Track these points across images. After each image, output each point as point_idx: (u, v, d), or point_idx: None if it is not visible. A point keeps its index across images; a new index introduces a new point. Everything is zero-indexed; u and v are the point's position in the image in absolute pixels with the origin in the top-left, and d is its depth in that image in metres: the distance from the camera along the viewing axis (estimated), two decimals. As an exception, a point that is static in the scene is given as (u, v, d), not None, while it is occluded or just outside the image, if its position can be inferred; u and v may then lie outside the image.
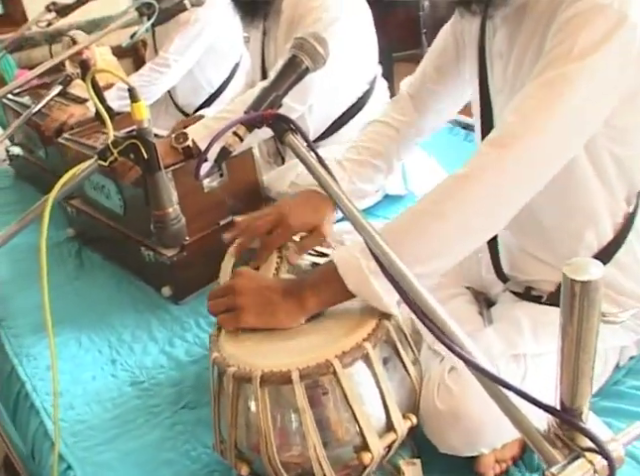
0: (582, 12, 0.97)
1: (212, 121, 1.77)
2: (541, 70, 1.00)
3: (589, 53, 0.95)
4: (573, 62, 0.96)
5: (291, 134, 0.94)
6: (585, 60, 0.95)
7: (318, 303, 1.04)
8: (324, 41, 1.06)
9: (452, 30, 1.39)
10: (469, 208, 0.98)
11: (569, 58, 0.96)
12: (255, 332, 1.08)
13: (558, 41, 0.99)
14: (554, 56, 0.99)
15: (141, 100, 1.05)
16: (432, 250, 0.99)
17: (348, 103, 2.01)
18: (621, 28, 0.95)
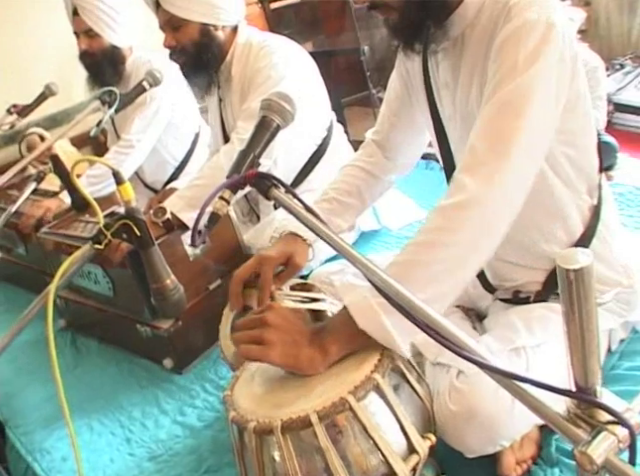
0: (516, 30, 1.08)
1: (186, 191, 1.85)
2: (493, 90, 1.10)
3: (531, 62, 1.06)
4: (520, 75, 1.06)
5: (274, 189, 1.00)
6: (530, 70, 1.06)
7: (339, 349, 1.07)
8: (289, 98, 1.13)
9: (398, 74, 1.50)
10: (472, 235, 1.05)
11: (516, 72, 1.07)
12: (266, 383, 1.12)
13: (501, 60, 1.10)
14: (501, 75, 1.09)
15: (126, 182, 1.11)
16: (433, 275, 1.04)
17: (310, 152, 2.12)
18: (551, 34, 1.07)
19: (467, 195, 1.05)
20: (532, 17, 1.08)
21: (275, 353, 1.05)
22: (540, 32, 1.07)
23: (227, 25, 2.02)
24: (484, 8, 1.19)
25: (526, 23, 1.08)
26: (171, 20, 1.96)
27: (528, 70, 1.06)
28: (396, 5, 1.19)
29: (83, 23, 2.46)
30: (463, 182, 1.07)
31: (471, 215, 1.05)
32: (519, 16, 1.09)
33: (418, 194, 2.34)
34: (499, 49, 1.11)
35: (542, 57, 1.06)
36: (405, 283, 0.87)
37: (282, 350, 1.05)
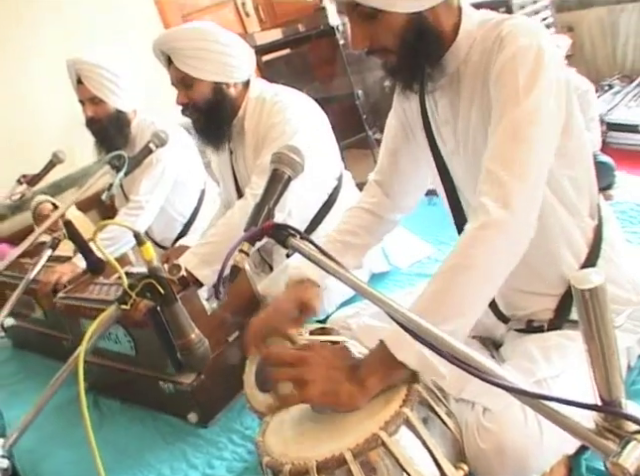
0: (511, 56, 1.17)
1: (201, 248, 1.89)
2: (499, 116, 1.17)
3: (531, 86, 1.14)
4: (524, 99, 1.14)
5: (291, 238, 1.04)
6: (531, 93, 1.14)
7: (377, 382, 1.09)
8: (297, 150, 1.18)
9: (396, 115, 1.55)
10: (498, 257, 1.12)
11: (518, 96, 1.14)
12: (297, 425, 1.14)
13: (502, 85, 1.18)
14: (505, 99, 1.16)
15: (147, 243, 1.15)
16: (463, 302, 1.10)
17: (322, 201, 2.17)
18: (543, 57, 1.15)
19: (489, 217, 1.11)
20: (524, 43, 1.16)
21: (316, 392, 1.08)
22: (533, 55, 1.15)
23: (239, 81, 2.06)
24: (475, 44, 1.26)
25: (520, 49, 1.16)
26: (184, 78, 1.99)
27: (529, 94, 1.13)
28: (394, 48, 1.26)
29: (87, 91, 2.54)
30: (484, 205, 1.13)
31: (493, 234, 1.11)
32: (512, 44, 1.17)
33: (423, 230, 2.38)
34: (498, 76, 1.18)
35: (540, 79, 1.14)
36: (433, 314, 0.91)
37: (322, 388, 1.08)
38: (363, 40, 1.27)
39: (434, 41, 1.26)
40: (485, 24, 1.27)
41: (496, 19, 1.27)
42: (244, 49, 2.05)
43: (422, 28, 1.24)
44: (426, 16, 1.23)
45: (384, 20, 1.23)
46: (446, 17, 1.27)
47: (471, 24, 1.28)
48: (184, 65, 1.97)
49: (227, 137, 2.11)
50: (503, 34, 1.20)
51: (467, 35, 1.27)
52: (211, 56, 1.96)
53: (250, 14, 4.92)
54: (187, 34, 1.98)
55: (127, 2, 4.43)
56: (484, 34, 1.25)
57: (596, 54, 4.35)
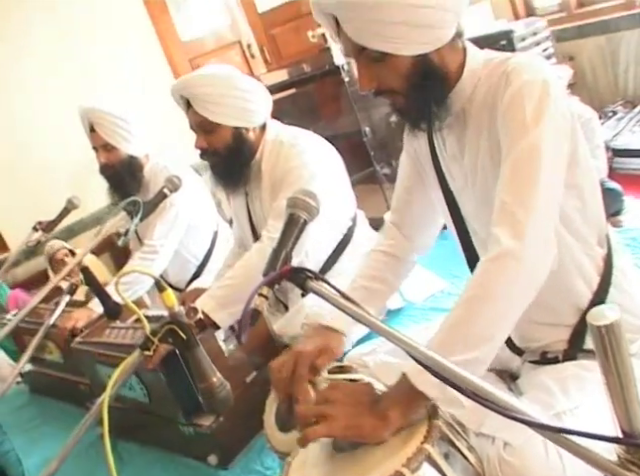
0: (517, 91, 1.20)
1: (218, 291, 1.90)
2: (508, 149, 1.20)
3: (537, 118, 1.17)
4: (531, 130, 1.17)
5: (309, 281, 1.06)
6: (537, 126, 1.17)
7: (399, 415, 1.10)
8: (313, 194, 1.21)
9: (407, 154, 1.58)
10: (513, 287, 1.13)
11: (526, 129, 1.17)
12: (319, 464, 1.15)
13: (510, 119, 1.21)
14: (513, 133, 1.20)
15: (167, 289, 1.17)
16: (482, 333, 1.11)
17: (336, 241, 2.19)
18: (548, 90, 1.18)
19: (502, 248, 1.13)
20: (529, 78, 1.20)
21: (339, 425, 1.09)
22: (539, 89, 1.19)
23: (257, 125, 2.08)
24: (480, 83, 1.30)
25: (525, 83, 1.20)
26: (203, 123, 2.01)
27: (536, 126, 1.16)
28: (400, 90, 1.29)
29: (100, 138, 2.59)
30: (497, 237, 1.15)
31: (507, 266, 1.13)
32: (518, 79, 1.21)
33: (436, 265, 2.39)
34: (506, 109, 1.22)
35: (546, 111, 1.17)
36: (453, 344, 0.94)
37: (345, 422, 1.09)
38: (370, 82, 1.30)
39: (440, 81, 1.30)
40: (489, 63, 1.31)
41: (500, 58, 1.31)
42: (262, 93, 2.08)
43: (428, 69, 1.27)
44: (431, 58, 1.27)
45: (390, 62, 1.26)
46: (451, 57, 1.30)
47: (476, 63, 1.31)
48: (204, 110, 1.99)
49: (244, 180, 2.13)
50: (509, 70, 1.24)
51: (472, 74, 1.31)
52: (231, 101, 1.98)
53: (255, 55, 5.02)
54: (207, 80, 2.00)
55: (134, 47, 4.53)
56: (489, 72, 1.29)
57: (598, 82, 4.40)
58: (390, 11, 1.21)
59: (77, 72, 4.27)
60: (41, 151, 4.20)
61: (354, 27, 1.25)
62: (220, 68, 2.09)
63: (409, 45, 1.24)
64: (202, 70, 2.07)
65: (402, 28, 1.22)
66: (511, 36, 3.89)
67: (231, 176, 2.11)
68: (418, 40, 1.24)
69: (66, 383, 2.53)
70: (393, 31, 1.22)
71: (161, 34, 4.64)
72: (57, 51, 4.23)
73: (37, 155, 4.19)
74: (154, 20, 4.60)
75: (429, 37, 1.25)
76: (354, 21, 1.24)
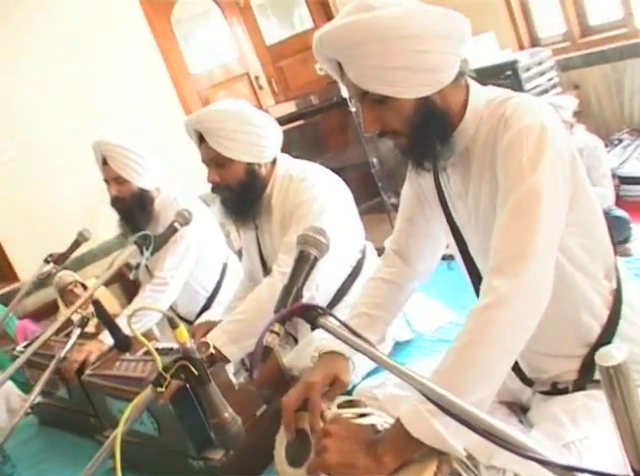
0: (515, 136, 1.22)
1: (229, 326, 1.91)
2: (506, 194, 1.22)
3: (535, 164, 1.19)
4: (529, 177, 1.18)
5: (320, 317, 1.07)
6: (535, 171, 1.18)
7: (394, 458, 1.11)
8: (322, 231, 1.23)
9: (411, 188, 1.60)
10: (506, 332, 1.14)
11: (523, 175, 1.19)
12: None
13: (508, 165, 1.23)
14: (511, 179, 1.21)
15: (180, 325, 1.18)
16: (479, 377, 1.12)
17: (346, 273, 2.19)
18: (546, 134, 1.20)
19: (495, 296, 1.15)
20: (527, 122, 1.21)
21: (332, 459, 1.12)
22: (536, 134, 1.20)
23: (269, 160, 2.10)
24: (482, 122, 1.32)
25: (523, 128, 1.21)
26: (216, 158, 2.03)
27: (533, 172, 1.18)
28: (403, 131, 1.32)
29: (112, 171, 2.61)
30: (492, 284, 1.17)
31: (500, 314, 1.14)
32: (516, 124, 1.22)
33: (444, 296, 2.39)
34: (504, 155, 1.23)
35: (543, 157, 1.18)
36: (450, 388, 0.93)
37: (339, 458, 1.12)
38: (374, 124, 1.33)
39: (442, 122, 1.32)
40: (491, 103, 1.33)
41: (501, 97, 1.32)
42: (274, 129, 2.10)
43: (430, 111, 1.30)
44: (433, 99, 1.29)
45: (393, 105, 1.29)
46: (454, 97, 1.33)
47: (478, 102, 1.33)
48: (217, 145, 2.00)
49: (255, 214, 2.15)
50: (507, 114, 1.25)
51: (474, 114, 1.33)
52: (244, 137, 2.00)
53: (264, 87, 5.10)
54: (221, 115, 2.02)
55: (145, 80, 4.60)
56: (490, 113, 1.31)
57: (603, 110, 4.43)
58: (390, 56, 1.23)
59: (90, 105, 4.36)
60: (53, 183, 4.28)
61: (356, 72, 1.28)
62: (234, 103, 2.11)
63: (410, 88, 1.27)
64: (216, 105, 2.09)
65: (403, 73, 1.25)
66: (516, 66, 3.95)
67: (242, 210, 2.12)
68: (419, 83, 1.27)
69: (75, 415, 2.52)
70: (394, 75, 1.25)
71: (171, 66, 4.73)
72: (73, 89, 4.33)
73: (48, 187, 4.27)
74: (164, 53, 4.70)
75: (430, 80, 1.27)
76: (356, 66, 1.27)
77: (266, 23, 5.39)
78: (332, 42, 1.27)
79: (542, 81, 4.09)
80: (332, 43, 1.27)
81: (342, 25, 1.26)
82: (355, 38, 1.24)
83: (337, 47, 1.27)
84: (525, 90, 3.94)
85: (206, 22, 5.20)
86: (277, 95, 5.10)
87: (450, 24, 1.27)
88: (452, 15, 1.28)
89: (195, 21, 5.17)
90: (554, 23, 4.66)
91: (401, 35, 1.22)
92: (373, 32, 1.23)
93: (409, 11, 1.25)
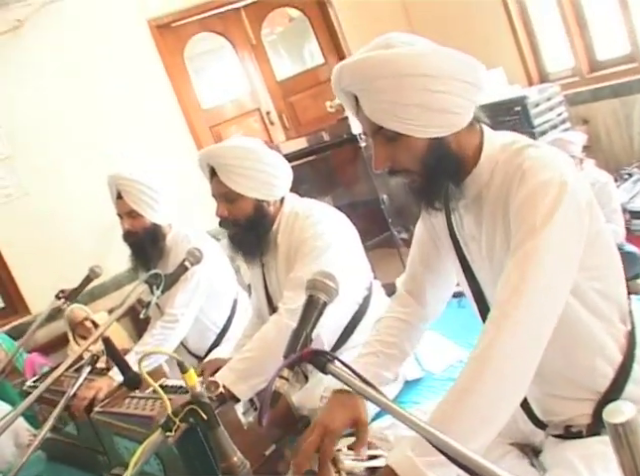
0: (531, 192, 1.20)
1: (238, 364, 1.91)
2: (515, 248, 1.21)
3: (548, 221, 1.17)
4: (540, 233, 1.17)
5: (330, 364, 1.07)
6: (546, 229, 1.17)
7: None
8: (332, 275, 1.24)
9: (424, 225, 1.60)
10: (500, 378, 1.13)
11: (534, 233, 1.17)
12: None
13: (520, 221, 1.21)
14: (521, 235, 1.20)
15: (190, 369, 1.18)
16: (477, 424, 1.11)
17: (352, 311, 2.18)
18: (564, 192, 1.18)
19: (490, 343, 1.15)
20: (545, 178, 1.20)
21: None
22: (554, 192, 1.18)
23: (278, 198, 2.12)
24: (497, 168, 1.31)
25: (540, 185, 1.20)
26: (227, 193, 2.05)
27: (545, 226, 1.17)
28: (415, 170, 1.32)
29: (126, 205, 2.61)
30: (487, 331, 1.17)
31: (492, 360, 1.13)
32: (533, 178, 1.21)
33: (454, 333, 2.38)
34: (518, 210, 1.22)
35: (557, 212, 1.17)
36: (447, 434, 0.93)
37: None
38: (385, 161, 1.32)
39: (455, 165, 1.32)
40: (507, 148, 1.32)
41: (518, 144, 1.31)
42: (285, 168, 2.12)
43: (443, 153, 1.30)
44: (447, 141, 1.29)
45: (406, 143, 1.29)
46: (468, 141, 1.32)
47: (492, 148, 1.33)
48: (229, 180, 2.03)
49: (261, 251, 2.16)
50: (525, 166, 1.24)
51: (489, 159, 1.32)
52: (256, 175, 2.03)
53: (274, 122, 5.13)
54: (235, 151, 2.05)
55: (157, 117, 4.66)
56: (506, 159, 1.30)
57: (613, 144, 4.44)
58: (406, 93, 1.24)
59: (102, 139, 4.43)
60: (64, 217, 4.33)
61: (372, 106, 1.28)
62: (248, 141, 2.13)
63: (423, 128, 1.27)
64: (231, 141, 2.14)
65: (416, 110, 1.25)
66: (525, 102, 3.97)
67: (249, 246, 2.13)
68: (432, 123, 1.27)
69: (83, 452, 2.49)
70: (408, 113, 1.25)
71: (183, 102, 4.79)
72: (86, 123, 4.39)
73: (60, 220, 4.32)
74: (176, 88, 4.76)
75: (444, 121, 1.28)
76: (371, 100, 1.28)
77: (277, 59, 5.44)
78: (350, 75, 1.29)
79: (551, 116, 4.11)
80: (350, 76, 1.29)
81: (361, 59, 1.27)
82: (372, 72, 1.25)
83: (355, 80, 1.28)
84: (534, 126, 3.97)
85: (218, 58, 5.25)
86: (288, 130, 5.14)
87: (466, 68, 1.28)
88: (468, 60, 1.29)
89: (207, 57, 5.23)
90: (562, 58, 4.70)
91: (417, 73, 1.23)
92: (389, 68, 1.24)
93: (427, 51, 1.27)
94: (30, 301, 4.25)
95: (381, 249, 4.17)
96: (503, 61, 4.66)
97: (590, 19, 4.43)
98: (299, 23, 5.48)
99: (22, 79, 4.23)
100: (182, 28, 4.83)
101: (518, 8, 4.78)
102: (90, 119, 4.40)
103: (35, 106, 4.25)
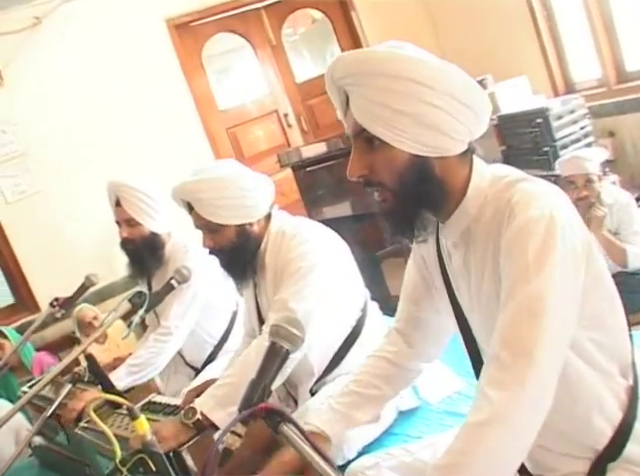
0: (521, 229, 1.11)
1: (217, 390, 1.84)
2: (507, 295, 1.11)
3: (541, 263, 1.07)
4: (534, 277, 1.07)
5: (284, 424, 1.01)
6: (541, 272, 1.07)
7: None
8: (297, 322, 1.16)
9: (414, 263, 1.51)
10: (497, 453, 1.05)
11: (528, 275, 1.08)
12: None
13: (511, 261, 1.11)
14: (514, 277, 1.10)
15: (140, 417, 1.13)
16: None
17: (345, 333, 2.09)
18: (555, 228, 1.08)
19: (491, 411, 1.05)
20: (535, 214, 1.10)
21: None
22: (544, 228, 1.09)
23: (261, 217, 2.07)
24: (486, 203, 1.22)
25: (530, 220, 1.10)
26: (207, 224, 2.02)
27: (539, 272, 1.07)
28: (391, 186, 1.21)
29: (125, 213, 2.59)
30: (487, 396, 1.06)
31: (494, 434, 1.04)
32: (522, 213, 1.11)
33: (454, 362, 2.25)
34: (508, 249, 1.13)
35: (550, 255, 1.08)
36: None
37: None
38: (361, 168, 1.22)
39: (435, 192, 1.22)
40: (497, 183, 1.23)
41: (508, 178, 1.22)
42: (263, 187, 2.06)
43: (424, 174, 1.20)
44: (432, 163, 1.20)
45: (387, 153, 1.19)
46: (455, 170, 1.23)
47: (481, 180, 1.24)
48: (207, 213, 2.00)
49: (251, 272, 2.12)
50: (514, 201, 1.14)
51: (477, 193, 1.23)
52: (231, 202, 1.99)
53: (292, 125, 5.07)
54: (207, 184, 2.00)
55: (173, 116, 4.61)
56: (495, 193, 1.21)
57: (639, 158, 4.30)
58: (401, 99, 1.16)
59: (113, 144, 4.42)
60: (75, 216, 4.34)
61: (360, 105, 1.19)
62: (219, 169, 2.07)
63: (409, 141, 1.18)
64: (201, 174, 2.05)
65: (406, 120, 1.16)
66: (547, 114, 3.86)
67: (238, 271, 2.10)
68: (420, 139, 1.18)
69: (72, 462, 2.46)
70: (397, 121, 1.17)
71: (199, 102, 4.74)
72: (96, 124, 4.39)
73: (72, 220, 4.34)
74: (192, 89, 4.72)
75: (433, 141, 1.18)
76: (362, 98, 1.19)
77: (298, 60, 5.37)
78: (345, 67, 1.19)
79: (574, 129, 3.96)
80: (344, 68, 1.19)
81: (359, 52, 1.21)
82: (367, 68, 1.17)
83: (348, 73, 1.19)
84: (555, 139, 3.84)
85: (237, 59, 5.19)
86: (306, 133, 5.06)
87: (469, 92, 1.19)
88: (476, 87, 1.21)
89: (226, 57, 5.18)
90: (589, 68, 4.56)
91: (417, 80, 1.15)
92: (386, 66, 1.16)
93: (431, 61, 1.18)
94: (40, 298, 4.26)
95: (394, 258, 4.09)
96: (528, 69, 4.53)
97: (619, 28, 4.27)
98: (321, 25, 5.41)
99: (38, 77, 4.23)
100: (201, 28, 4.79)
101: (545, 14, 4.63)
102: (105, 117, 4.39)
103: (51, 103, 4.25)
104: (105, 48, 4.38)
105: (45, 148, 4.25)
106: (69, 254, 4.23)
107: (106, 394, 2.33)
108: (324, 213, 4.15)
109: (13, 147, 4.19)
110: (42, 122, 4.23)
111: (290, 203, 4.29)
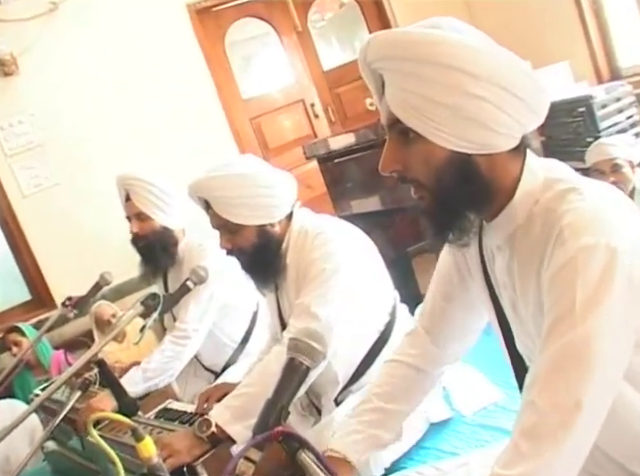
0: (571, 259, 0.95)
1: (234, 400, 1.74)
2: (549, 334, 0.98)
3: (592, 307, 0.93)
4: (581, 323, 0.93)
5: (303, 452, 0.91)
6: (591, 317, 0.93)
7: None
8: (318, 335, 1.05)
9: (451, 256, 1.36)
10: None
11: (574, 318, 0.94)
12: None
13: (557, 295, 0.97)
14: (558, 315, 0.96)
15: (145, 438, 1.05)
16: None
17: (371, 340, 1.96)
18: (613, 263, 0.93)
19: (526, 466, 0.92)
20: (589, 243, 0.94)
21: None
22: (600, 263, 0.93)
23: (282, 217, 1.96)
24: (536, 210, 1.07)
25: (582, 251, 0.94)
26: (226, 225, 1.92)
27: (589, 315, 0.93)
28: (427, 184, 1.09)
29: (134, 207, 2.50)
30: (521, 449, 0.94)
31: None
32: (573, 240, 0.96)
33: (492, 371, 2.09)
34: (553, 279, 0.98)
35: (605, 297, 0.92)
36: None
37: None
38: (394, 163, 1.10)
39: (480, 193, 1.08)
40: (549, 187, 1.07)
41: (561, 186, 1.06)
42: (284, 184, 1.95)
43: (467, 173, 1.06)
44: (477, 161, 1.06)
45: (423, 147, 1.07)
46: (506, 168, 1.09)
47: (533, 181, 1.08)
48: (225, 213, 1.90)
49: (273, 275, 2.00)
50: (564, 222, 0.98)
51: (527, 196, 1.08)
52: (251, 201, 1.88)
53: (319, 115, 4.91)
54: (225, 181, 1.90)
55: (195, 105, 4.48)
56: (546, 203, 1.06)
57: (689, 148, 4.06)
58: (438, 87, 1.02)
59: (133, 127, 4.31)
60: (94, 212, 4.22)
61: (395, 94, 1.07)
62: (239, 164, 1.98)
63: (448, 136, 1.04)
64: (221, 169, 1.94)
65: (446, 113, 1.03)
66: (590, 102, 3.66)
67: (260, 274, 2.00)
68: (461, 135, 1.04)
69: (86, 469, 2.38)
70: (435, 113, 1.03)
71: (221, 91, 4.61)
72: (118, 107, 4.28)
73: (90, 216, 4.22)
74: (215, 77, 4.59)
75: (476, 137, 1.04)
76: (396, 86, 1.06)
77: (326, 47, 5.21)
78: (378, 49, 1.06)
79: (620, 119, 3.75)
80: (377, 50, 1.06)
81: (395, 32, 1.09)
82: (402, 52, 1.03)
83: (381, 56, 1.06)
84: (600, 129, 3.63)
85: (261, 45, 5.04)
86: (334, 124, 4.89)
87: (522, 82, 1.04)
88: (532, 75, 1.06)
89: (250, 44, 5.02)
90: (637, 53, 4.35)
91: (454, 65, 1.01)
92: (423, 50, 1.02)
93: (475, 44, 1.03)
94: (57, 295, 4.15)
95: (426, 254, 3.93)
96: (570, 54, 4.33)
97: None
98: (350, 9, 5.23)
99: (55, 65, 4.13)
100: (223, 13, 4.65)
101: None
102: (124, 106, 4.27)
103: (69, 92, 4.15)
104: (123, 34, 4.26)
105: (63, 139, 4.15)
106: (87, 249, 4.14)
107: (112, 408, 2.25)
108: (352, 207, 4.03)
109: (29, 138, 4.09)
110: (59, 112, 4.12)
111: (316, 196, 4.16)
